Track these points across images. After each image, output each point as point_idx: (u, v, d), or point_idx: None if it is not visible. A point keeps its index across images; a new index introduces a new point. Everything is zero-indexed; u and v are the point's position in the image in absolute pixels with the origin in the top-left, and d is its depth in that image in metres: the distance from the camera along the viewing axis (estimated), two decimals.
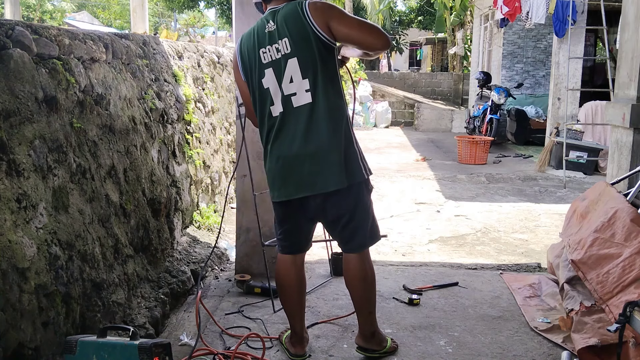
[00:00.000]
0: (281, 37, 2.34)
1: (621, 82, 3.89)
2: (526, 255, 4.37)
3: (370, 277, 2.58)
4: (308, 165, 2.35)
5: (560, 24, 8.34)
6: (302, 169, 2.36)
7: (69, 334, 2.35)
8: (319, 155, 2.34)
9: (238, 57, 2.49)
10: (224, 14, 25.34)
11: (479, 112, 10.77)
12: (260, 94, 2.43)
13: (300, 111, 2.35)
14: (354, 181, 2.39)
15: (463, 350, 2.76)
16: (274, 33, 2.36)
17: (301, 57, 2.33)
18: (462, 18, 17.49)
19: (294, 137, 2.36)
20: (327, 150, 2.34)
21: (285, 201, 2.46)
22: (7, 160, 2.17)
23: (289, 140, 2.38)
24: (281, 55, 2.35)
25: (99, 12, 29.51)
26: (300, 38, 2.32)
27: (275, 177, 2.45)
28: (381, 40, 2.33)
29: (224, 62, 6.59)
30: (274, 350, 2.74)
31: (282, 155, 2.40)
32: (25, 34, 2.41)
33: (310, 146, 2.34)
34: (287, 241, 2.61)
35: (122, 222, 3.10)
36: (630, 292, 2.45)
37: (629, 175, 3.52)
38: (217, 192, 5.41)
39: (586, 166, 7.98)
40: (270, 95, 2.39)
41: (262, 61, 2.38)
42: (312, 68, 2.33)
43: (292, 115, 2.37)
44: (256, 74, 2.41)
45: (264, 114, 2.44)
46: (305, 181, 2.37)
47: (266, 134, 2.47)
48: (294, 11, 2.35)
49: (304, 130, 2.34)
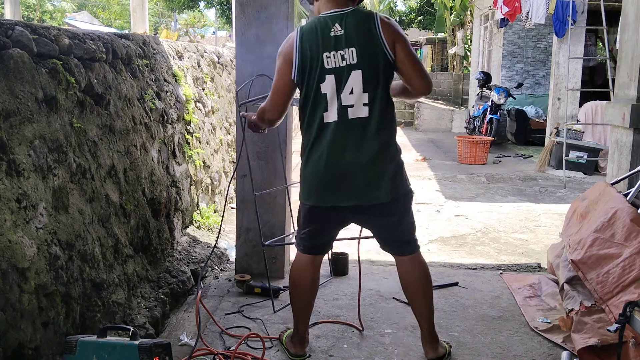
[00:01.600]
0: (348, 46, 2.31)
1: (621, 82, 3.88)
2: (526, 255, 4.37)
3: (429, 275, 2.63)
4: (359, 175, 2.37)
5: (560, 24, 8.34)
6: (353, 179, 2.38)
7: (69, 334, 2.35)
8: (371, 167, 2.37)
9: (297, 50, 2.35)
10: (224, 14, 25.33)
11: (479, 112, 10.78)
12: (315, 98, 2.36)
13: (355, 123, 2.35)
14: (401, 193, 2.47)
15: (463, 350, 2.76)
16: (341, 39, 2.31)
17: (366, 71, 2.32)
18: (462, 18, 17.49)
19: (346, 147, 2.36)
20: (378, 162, 2.38)
21: (322, 206, 2.46)
22: (7, 160, 2.17)
23: (341, 150, 2.36)
24: (346, 64, 2.31)
25: (99, 12, 29.50)
26: (368, 51, 2.32)
27: (321, 183, 2.42)
28: (427, 86, 2.42)
29: (224, 62, 6.59)
30: (273, 350, 2.74)
31: (333, 163, 2.38)
32: (25, 34, 2.41)
33: (362, 157, 2.36)
34: (310, 242, 2.59)
35: (122, 222, 3.10)
36: (630, 292, 2.45)
37: (629, 175, 3.52)
38: (217, 192, 5.41)
39: (586, 166, 7.98)
40: (326, 101, 2.35)
41: (325, 65, 2.32)
42: (374, 83, 2.34)
43: (346, 125, 2.35)
44: (315, 77, 2.34)
45: (315, 119, 2.38)
46: (356, 191, 2.39)
47: (313, 139, 2.40)
48: (365, 22, 2.34)
49: (357, 141, 2.36)
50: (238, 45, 3.53)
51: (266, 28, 3.46)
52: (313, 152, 2.41)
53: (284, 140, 3.56)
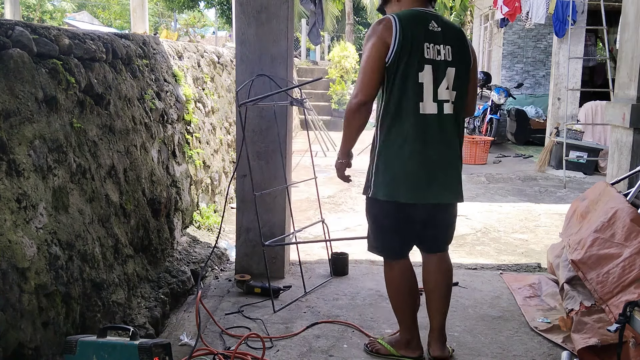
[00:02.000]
0: (445, 43, 2.35)
1: (621, 82, 3.88)
2: (526, 255, 4.37)
3: (452, 271, 2.68)
4: (445, 172, 2.41)
5: (560, 24, 8.34)
6: (439, 176, 2.39)
7: (69, 334, 2.35)
8: (453, 166, 2.44)
9: (398, 33, 2.29)
10: (224, 14, 25.33)
11: (479, 112, 10.77)
12: (413, 86, 2.32)
13: (447, 119, 2.39)
14: (462, 195, 2.54)
15: (463, 350, 2.76)
16: (439, 35, 2.35)
17: (458, 70, 2.39)
18: (462, 18, 17.49)
19: (441, 142, 2.38)
20: (458, 162, 2.47)
21: (405, 204, 2.39)
22: (7, 160, 2.17)
23: (436, 144, 2.36)
24: (442, 59, 2.34)
25: (99, 12, 29.50)
26: (460, 54, 2.40)
27: (415, 179, 2.37)
28: (474, 111, 2.65)
29: (224, 62, 6.59)
30: (273, 350, 2.74)
31: (429, 157, 2.36)
32: (25, 34, 2.41)
33: (450, 155, 2.42)
34: (398, 242, 2.54)
35: (122, 222, 3.10)
36: (630, 292, 2.45)
37: (629, 175, 3.52)
38: (217, 192, 5.41)
39: (586, 166, 7.98)
40: (422, 91, 2.32)
41: (425, 55, 2.31)
42: (461, 83, 2.41)
43: (441, 120, 2.37)
44: (415, 63, 2.30)
45: (408, 108, 2.33)
46: (441, 188, 2.41)
47: (407, 130, 2.34)
48: (457, 30, 2.45)
49: (448, 138, 2.40)
50: (238, 45, 3.53)
51: (266, 28, 3.46)
52: (405, 144, 2.34)
53: (284, 140, 3.56)
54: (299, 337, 2.88)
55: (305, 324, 3.00)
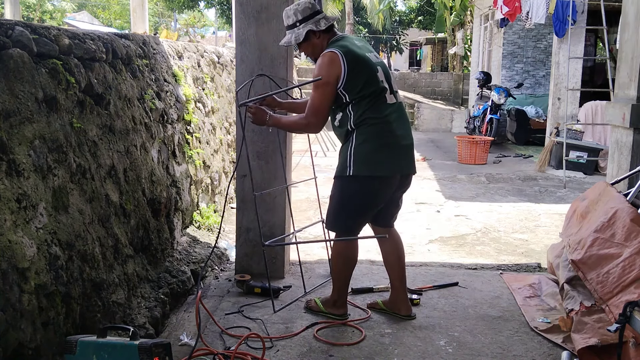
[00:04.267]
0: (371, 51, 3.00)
1: (621, 82, 3.88)
2: (526, 255, 4.37)
3: None
4: (412, 148, 2.96)
5: (560, 24, 8.34)
6: (411, 151, 2.95)
7: (69, 334, 2.35)
8: (412, 142, 2.98)
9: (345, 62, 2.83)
10: (224, 14, 25.35)
11: (479, 112, 10.78)
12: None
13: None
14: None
15: (463, 350, 2.76)
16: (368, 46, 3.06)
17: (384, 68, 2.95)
18: (462, 18, 17.49)
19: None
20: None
21: (390, 177, 2.85)
22: (7, 160, 2.17)
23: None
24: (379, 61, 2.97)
25: (99, 12, 29.51)
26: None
27: (400, 154, 2.85)
28: None
29: (224, 62, 6.59)
30: (273, 350, 2.74)
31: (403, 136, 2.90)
32: (25, 34, 2.41)
33: (410, 134, 2.98)
34: (369, 216, 2.98)
35: (122, 222, 3.10)
36: (630, 292, 2.45)
37: (629, 175, 3.52)
38: (217, 192, 5.41)
39: (586, 166, 7.98)
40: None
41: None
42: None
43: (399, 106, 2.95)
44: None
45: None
46: (412, 160, 2.95)
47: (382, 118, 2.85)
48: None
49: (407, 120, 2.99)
50: (238, 45, 3.53)
51: (266, 28, 3.46)
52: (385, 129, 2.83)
53: (283, 140, 3.56)
54: (299, 337, 2.88)
55: (305, 324, 3.00)
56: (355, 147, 2.80)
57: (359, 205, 2.89)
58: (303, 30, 2.86)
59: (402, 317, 3.09)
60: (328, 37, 2.90)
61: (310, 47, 2.91)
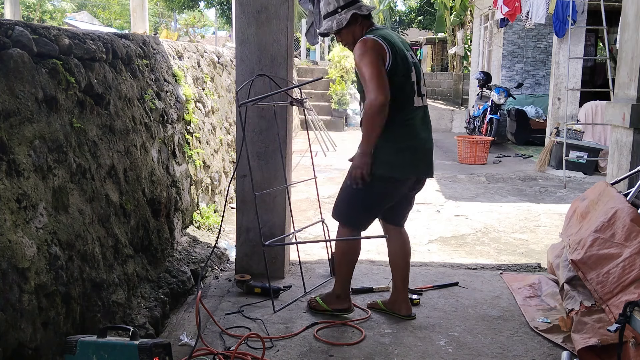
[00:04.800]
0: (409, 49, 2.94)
1: (621, 82, 3.88)
2: (526, 255, 4.37)
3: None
4: (431, 152, 2.96)
5: (560, 24, 8.34)
6: (429, 155, 2.96)
7: (69, 334, 2.35)
8: (432, 147, 2.99)
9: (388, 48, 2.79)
10: (224, 14, 25.35)
11: (479, 112, 10.77)
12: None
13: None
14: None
15: (463, 350, 2.76)
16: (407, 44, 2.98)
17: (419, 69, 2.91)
18: (462, 18, 17.49)
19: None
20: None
21: (406, 180, 2.88)
22: (7, 160, 2.17)
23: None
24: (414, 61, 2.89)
25: (99, 12, 29.49)
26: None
27: (418, 157, 2.86)
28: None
29: (224, 62, 6.59)
30: (273, 350, 2.74)
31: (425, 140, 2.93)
32: (25, 34, 2.41)
33: (431, 138, 2.99)
34: (378, 213, 3.03)
35: (122, 222, 3.10)
36: (631, 292, 2.45)
37: (629, 175, 3.52)
38: (217, 192, 5.41)
39: (586, 166, 7.98)
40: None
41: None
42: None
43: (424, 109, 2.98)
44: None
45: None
46: (429, 165, 2.95)
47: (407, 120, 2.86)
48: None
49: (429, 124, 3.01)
50: (238, 45, 3.53)
51: (266, 28, 3.46)
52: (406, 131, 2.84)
53: (283, 140, 3.56)
54: (299, 337, 2.88)
55: (305, 324, 3.00)
56: (377, 146, 2.77)
57: (368, 201, 2.91)
58: (347, 14, 2.80)
59: (402, 317, 3.09)
60: (368, 25, 2.86)
61: (350, 34, 2.85)
